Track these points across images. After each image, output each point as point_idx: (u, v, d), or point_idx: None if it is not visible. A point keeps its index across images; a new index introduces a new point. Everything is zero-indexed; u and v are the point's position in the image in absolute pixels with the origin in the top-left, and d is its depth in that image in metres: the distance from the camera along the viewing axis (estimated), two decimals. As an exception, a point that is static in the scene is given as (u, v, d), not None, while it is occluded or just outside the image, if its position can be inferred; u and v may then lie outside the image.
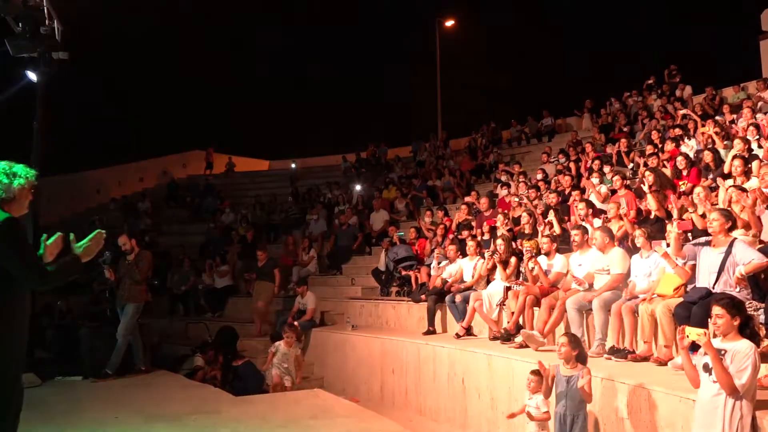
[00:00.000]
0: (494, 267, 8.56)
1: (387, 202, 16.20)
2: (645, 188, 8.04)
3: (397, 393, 9.14)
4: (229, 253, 15.71)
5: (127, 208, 21.39)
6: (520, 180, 12.89)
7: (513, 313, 7.67)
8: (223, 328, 11.04)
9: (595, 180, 10.32)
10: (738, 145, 8.67)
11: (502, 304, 8.14)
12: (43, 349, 9.84)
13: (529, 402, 5.40)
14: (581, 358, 5.15)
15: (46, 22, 8.61)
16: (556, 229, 8.75)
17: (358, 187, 18.52)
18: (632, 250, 6.98)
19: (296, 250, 14.80)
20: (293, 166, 26.06)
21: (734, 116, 11.55)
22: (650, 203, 7.78)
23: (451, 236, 10.87)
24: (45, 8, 8.55)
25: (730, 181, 7.34)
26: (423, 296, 9.78)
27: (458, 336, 8.43)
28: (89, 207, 22.62)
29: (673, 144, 10.78)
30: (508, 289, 8.02)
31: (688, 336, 4.04)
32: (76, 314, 12.02)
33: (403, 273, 11.08)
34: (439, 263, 9.82)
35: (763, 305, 4.86)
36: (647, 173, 8.79)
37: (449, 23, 25.81)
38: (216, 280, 14.44)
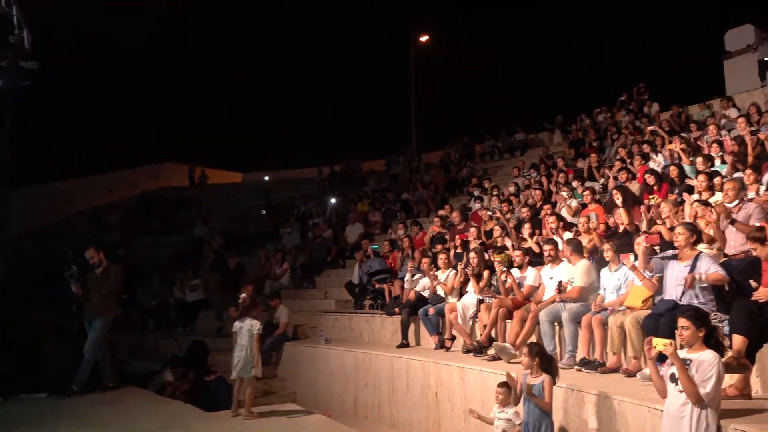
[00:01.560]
0: (467, 280, 8.61)
1: (361, 215, 16.22)
2: (618, 202, 8.16)
3: (371, 406, 9.10)
4: (201, 266, 15.52)
5: (96, 220, 21.02)
6: (493, 194, 13.03)
7: (485, 325, 7.72)
8: (194, 343, 10.88)
9: (565, 194, 10.49)
10: (702, 161, 8.91)
11: (474, 316, 8.19)
12: (6, 365, 9.57)
13: (499, 415, 5.43)
14: (545, 367, 5.19)
15: (15, 30, 8.46)
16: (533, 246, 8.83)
17: (332, 200, 18.51)
18: (602, 263, 7.10)
19: (269, 264, 14.69)
20: (266, 178, 25.96)
21: (700, 133, 11.87)
22: (622, 217, 7.93)
23: (421, 249, 10.92)
24: (14, 17, 8.41)
25: (695, 196, 7.54)
26: (397, 309, 9.78)
27: (446, 348, 8.44)
28: (58, 219, 22.19)
29: (642, 160, 11.03)
30: (480, 302, 8.08)
31: (655, 347, 4.13)
32: (41, 329, 11.73)
33: (377, 286, 11.07)
34: (412, 276, 9.85)
35: (727, 317, 4.98)
36: (615, 190, 8.97)
37: (423, 38, 26.09)
38: (187, 294, 14.24)
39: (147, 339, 13.25)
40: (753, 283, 5.14)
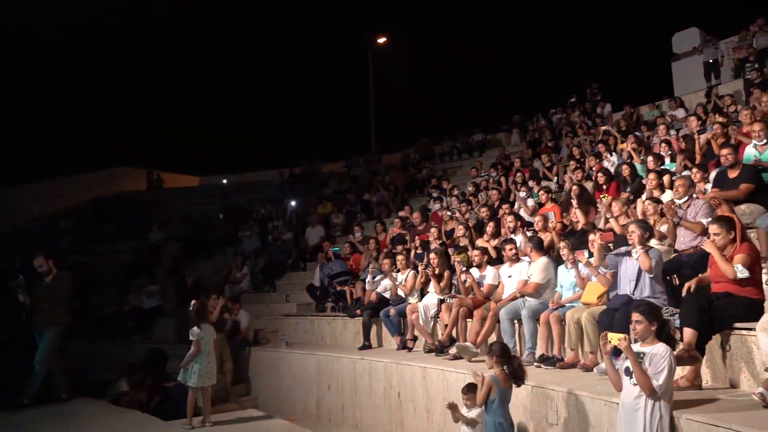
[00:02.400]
0: (428, 280, 8.66)
1: (322, 218, 16.14)
2: (575, 202, 8.32)
3: (334, 409, 9.06)
4: (158, 272, 15.19)
5: (46, 227, 20.33)
6: (453, 194, 13.15)
7: (446, 325, 7.78)
8: (152, 350, 10.63)
9: (523, 194, 10.66)
10: (652, 160, 9.17)
11: (435, 316, 8.24)
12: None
13: (468, 414, 5.47)
14: (506, 366, 5.24)
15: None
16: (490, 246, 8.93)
17: (292, 203, 18.35)
18: (560, 261, 7.23)
19: (227, 268, 14.48)
20: (225, 182, 25.56)
21: (650, 133, 12.22)
22: (578, 216, 8.09)
23: (385, 250, 10.93)
24: None
25: (647, 194, 7.76)
26: (358, 311, 9.76)
27: (409, 349, 8.46)
28: (6, 227, 21.34)
29: (596, 160, 11.29)
30: (441, 302, 8.13)
31: (610, 341, 4.24)
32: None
33: (338, 288, 11.03)
34: (374, 278, 9.84)
35: (678, 311, 5.14)
36: (573, 188, 9.17)
37: (381, 40, 26.14)
38: (144, 301, 13.91)
39: (101, 348, 12.88)
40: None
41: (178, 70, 34.79)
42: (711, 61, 15.92)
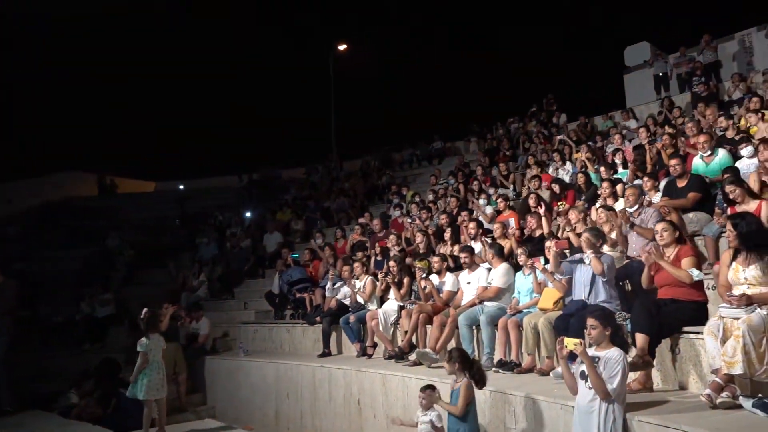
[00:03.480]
0: (388, 287, 8.68)
1: (281, 224, 16.01)
2: (541, 210, 8.47)
3: (292, 417, 8.98)
4: (112, 280, 14.78)
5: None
6: (414, 200, 13.23)
7: (406, 331, 7.81)
8: (104, 361, 10.33)
9: (482, 201, 10.81)
10: (605, 169, 9.46)
11: (395, 323, 8.27)
12: None
13: (422, 418, 5.49)
14: (468, 371, 5.29)
15: None
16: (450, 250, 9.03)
17: (247, 214, 18.08)
18: (518, 267, 7.36)
19: (181, 275, 14.22)
20: (181, 187, 25.10)
21: (604, 142, 12.59)
22: (535, 223, 8.26)
23: (344, 257, 10.91)
24: None
25: (601, 202, 7.98)
26: (318, 318, 9.71)
27: (368, 356, 8.46)
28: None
29: (551, 168, 11.56)
30: (401, 308, 8.16)
31: (566, 346, 4.34)
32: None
33: (298, 295, 10.95)
34: (333, 284, 9.81)
35: (630, 315, 5.29)
36: (531, 196, 9.36)
37: (342, 47, 26.18)
38: (97, 309, 13.49)
39: (51, 358, 12.42)
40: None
41: (134, 70, 34.07)
42: (661, 74, 16.52)
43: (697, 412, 4.20)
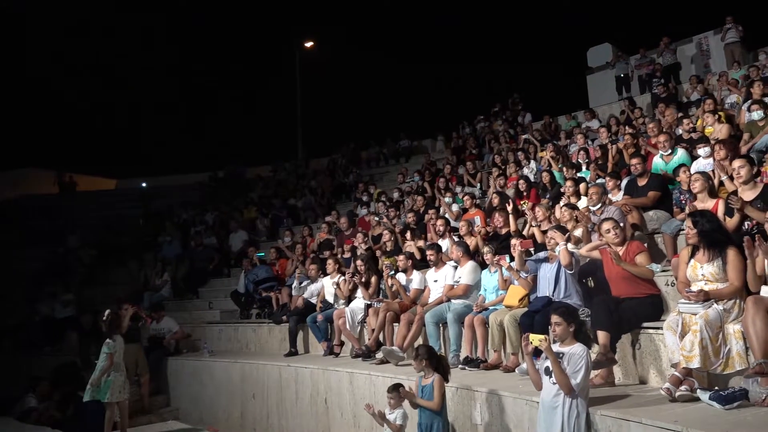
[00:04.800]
0: (356, 286, 8.67)
1: (246, 223, 15.83)
2: (509, 208, 8.54)
3: (259, 418, 8.89)
4: (72, 280, 14.40)
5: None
6: (381, 199, 13.23)
7: (373, 330, 7.81)
8: (64, 364, 10.05)
9: (448, 200, 10.88)
10: (568, 168, 9.61)
11: (363, 321, 8.26)
12: None
13: (389, 416, 5.50)
14: (436, 367, 5.31)
15: None
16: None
17: (208, 215, 17.75)
18: (484, 265, 7.42)
19: (142, 274, 13.94)
20: (144, 185, 24.60)
21: (567, 141, 12.80)
22: (502, 221, 8.34)
23: (312, 255, 10.86)
24: None
25: (564, 201, 8.11)
26: (284, 317, 9.64)
27: (336, 354, 8.43)
28: None
29: (516, 167, 11.70)
30: (368, 306, 8.15)
31: (531, 342, 4.40)
32: None
33: (264, 294, 10.85)
34: (300, 283, 9.75)
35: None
36: (494, 195, 9.46)
37: (308, 44, 26.02)
38: (57, 310, 13.11)
39: (6, 361, 12.04)
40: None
41: (93, 64, 33.11)
42: (622, 75, 16.88)
43: (657, 405, 4.30)
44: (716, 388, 4.24)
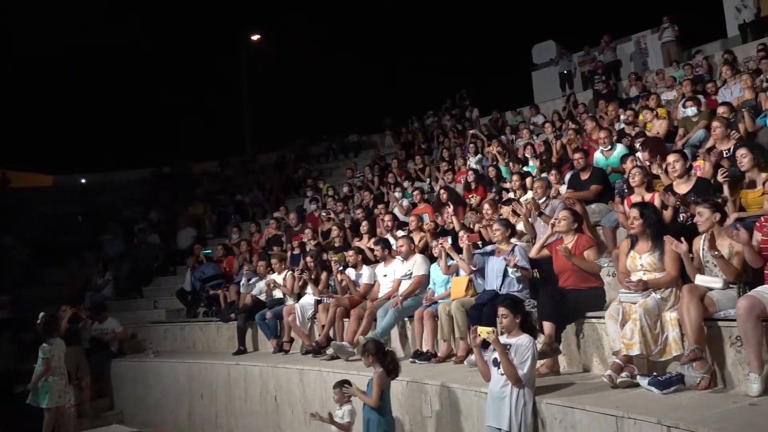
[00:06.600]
0: (306, 282, 8.59)
1: (193, 219, 15.48)
2: (451, 210, 8.62)
3: (207, 418, 8.73)
4: (7, 281, 13.77)
5: None
6: (329, 194, 13.17)
7: (324, 326, 7.77)
8: (-3, 368, 9.61)
9: (397, 194, 10.92)
10: (514, 163, 9.82)
11: (313, 317, 8.20)
12: None
13: (337, 413, 5.50)
14: (382, 362, 5.31)
15: None
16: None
17: (152, 213, 17.28)
18: (432, 259, 7.47)
19: (83, 274, 13.46)
20: (83, 181, 23.70)
21: (513, 137, 13.05)
22: (449, 216, 8.41)
23: (260, 252, 10.71)
24: None
25: (510, 194, 8.27)
26: (233, 315, 9.48)
27: (285, 351, 8.33)
28: None
29: (464, 162, 11.84)
30: (318, 302, 8.11)
31: (479, 335, 4.46)
32: None
33: (211, 292, 10.63)
34: (248, 280, 9.61)
35: (538, 302, 5.52)
36: (442, 191, 9.54)
37: (255, 37, 25.60)
38: (-12, 313, 12.54)
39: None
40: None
41: (27, 51, 31.43)
42: (565, 72, 17.34)
43: (599, 392, 4.44)
44: (654, 374, 4.41)
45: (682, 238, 4.52)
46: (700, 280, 4.47)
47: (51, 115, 32.41)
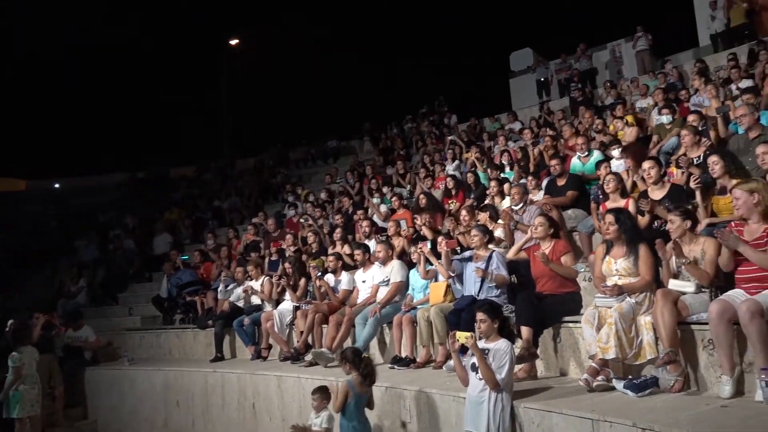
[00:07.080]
0: (284, 289, 8.54)
1: (169, 225, 15.30)
2: (426, 218, 8.64)
3: (184, 426, 8.62)
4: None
5: None
6: (308, 200, 13.12)
7: (302, 332, 7.73)
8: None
9: (376, 200, 10.92)
10: (492, 169, 9.89)
11: (291, 323, 8.16)
12: None
13: (315, 420, 5.47)
14: (359, 369, 5.29)
15: None
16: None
17: (128, 219, 17.04)
18: (411, 265, 7.48)
19: (57, 280, 13.23)
20: (57, 186, 23.30)
21: (491, 143, 13.15)
22: (426, 232, 8.43)
23: (238, 258, 10.63)
24: None
25: (489, 201, 8.33)
26: (210, 322, 9.38)
27: (263, 358, 8.29)
28: None
29: (442, 168, 11.89)
30: (296, 308, 8.06)
31: (458, 340, 4.49)
32: None
33: (188, 299, 10.51)
34: (226, 286, 9.52)
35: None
36: (421, 196, 9.58)
37: (234, 42, 25.46)
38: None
39: None
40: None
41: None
42: (542, 79, 17.55)
43: (576, 396, 4.49)
44: (630, 377, 4.47)
45: (658, 242, 4.62)
46: (673, 284, 4.56)
47: (22, 119, 31.77)
